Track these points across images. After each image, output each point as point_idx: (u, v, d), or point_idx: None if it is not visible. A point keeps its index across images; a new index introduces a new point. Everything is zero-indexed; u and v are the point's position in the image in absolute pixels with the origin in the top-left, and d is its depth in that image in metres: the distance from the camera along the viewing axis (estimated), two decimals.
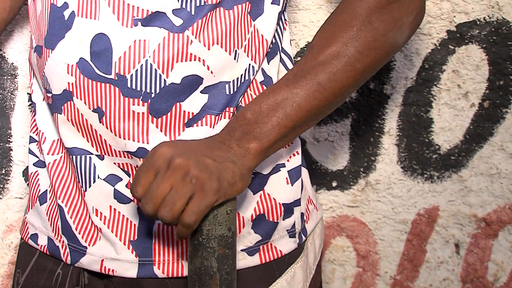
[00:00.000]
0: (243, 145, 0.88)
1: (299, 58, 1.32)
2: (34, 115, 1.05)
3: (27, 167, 1.34)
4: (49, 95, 0.98)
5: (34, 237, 1.06)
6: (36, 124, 1.05)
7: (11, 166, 1.35)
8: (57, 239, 1.02)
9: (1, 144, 1.34)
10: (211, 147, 0.86)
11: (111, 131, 0.94)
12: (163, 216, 0.82)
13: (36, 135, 1.07)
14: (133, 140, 0.94)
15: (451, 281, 1.47)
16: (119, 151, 0.95)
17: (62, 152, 1.01)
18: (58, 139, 1.02)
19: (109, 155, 0.96)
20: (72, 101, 0.94)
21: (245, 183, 0.86)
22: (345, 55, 0.90)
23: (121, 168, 0.97)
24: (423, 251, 1.45)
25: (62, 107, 0.96)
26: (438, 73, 1.35)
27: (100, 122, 0.94)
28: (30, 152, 1.08)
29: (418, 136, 1.39)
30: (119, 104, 0.93)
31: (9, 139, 1.34)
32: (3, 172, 1.35)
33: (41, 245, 1.05)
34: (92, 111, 0.94)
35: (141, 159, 0.94)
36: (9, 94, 1.32)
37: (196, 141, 0.88)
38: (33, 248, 1.07)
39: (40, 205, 1.05)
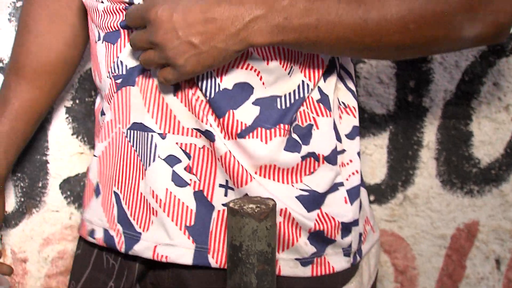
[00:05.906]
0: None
1: None
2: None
3: (65, 180, 1.35)
4: (122, 72, 0.97)
5: (92, 233, 1.05)
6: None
7: (47, 179, 1.35)
8: (111, 228, 1.02)
9: (38, 157, 1.34)
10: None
11: (185, 105, 0.94)
12: None
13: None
14: (203, 121, 0.94)
15: None
16: (187, 129, 0.95)
17: (109, 137, 1.01)
18: (109, 120, 1.01)
19: (173, 133, 0.96)
20: (149, 71, 0.95)
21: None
22: (407, 9, 0.85)
23: (182, 149, 0.96)
24: (462, 267, 1.43)
25: (137, 79, 0.96)
26: (478, 85, 1.33)
27: (175, 96, 0.94)
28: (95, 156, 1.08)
29: (458, 149, 1.37)
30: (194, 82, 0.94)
31: (45, 152, 1.34)
32: (40, 185, 1.35)
33: (98, 238, 1.04)
34: None
35: (211, 142, 0.94)
36: None
37: None
38: (87, 260, 1.07)
39: (96, 197, 1.05)
